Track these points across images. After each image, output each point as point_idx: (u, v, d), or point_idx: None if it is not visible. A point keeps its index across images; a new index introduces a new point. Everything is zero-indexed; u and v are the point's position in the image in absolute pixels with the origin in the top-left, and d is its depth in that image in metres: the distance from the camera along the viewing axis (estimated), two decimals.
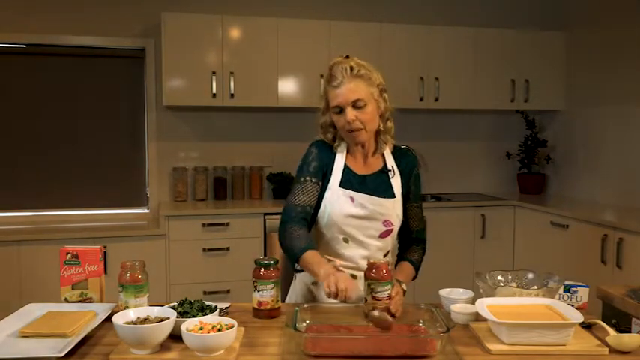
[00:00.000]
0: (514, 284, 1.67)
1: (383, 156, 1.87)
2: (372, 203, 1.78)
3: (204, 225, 3.62)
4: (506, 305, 1.50)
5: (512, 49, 4.28)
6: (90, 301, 1.66)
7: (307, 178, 1.79)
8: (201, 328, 1.33)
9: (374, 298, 1.51)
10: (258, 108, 4.05)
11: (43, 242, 3.39)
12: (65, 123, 3.96)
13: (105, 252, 1.74)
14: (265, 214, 3.70)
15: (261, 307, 1.60)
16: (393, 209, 1.81)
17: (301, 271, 1.85)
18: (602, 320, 1.55)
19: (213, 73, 3.77)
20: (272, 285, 1.60)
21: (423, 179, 1.99)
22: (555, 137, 4.53)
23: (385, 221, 1.80)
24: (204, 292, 3.57)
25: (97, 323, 1.47)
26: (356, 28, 4.01)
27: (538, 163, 4.54)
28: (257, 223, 3.68)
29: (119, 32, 3.96)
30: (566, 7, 4.44)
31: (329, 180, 1.81)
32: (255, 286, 1.61)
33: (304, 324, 1.50)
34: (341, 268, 1.64)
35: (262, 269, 1.61)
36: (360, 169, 1.84)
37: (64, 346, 1.31)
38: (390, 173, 1.84)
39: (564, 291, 1.67)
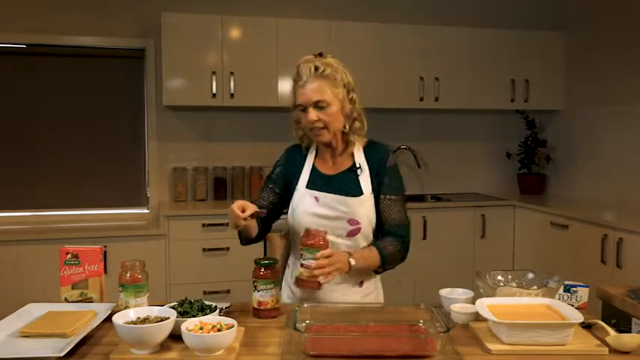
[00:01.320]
0: (514, 284, 1.67)
1: (352, 154, 1.86)
2: (336, 202, 1.77)
3: (204, 225, 3.62)
4: (506, 305, 1.50)
5: (512, 49, 4.28)
6: (90, 301, 1.66)
7: (268, 186, 1.92)
8: (201, 328, 1.33)
9: (302, 265, 1.55)
10: (258, 108, 4.05)
11: (43, 242, 3.39)
12: (65, 123, 3.96)
13: (105, 252, 1.74)
14: None
15: (262, 307, 1.60)
16: (359, 207, 1.78)
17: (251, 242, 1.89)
18: (602, 320, 1.55)
19: (213, 73, 3.77)
20: (272, 285, 1.60)
21: (423, 179, 1.99)
22: (555, 137, 4.53)
23: (350, 220, 1.77)
24: (204, 292, 3.57)
25: (97, 323, 1.47)
26: (356, 28, 4.01)
27: (538, 163, 4.54)
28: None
29: (119, 32, 3.96)
30: (566, 8, 4.44)
31: (297, 182, 1.85)
32: (255, 286, 1.61)
33: (304, 324, 1.50)
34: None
35: (262, 269, 1.61)
36: (327, 169, 1.85)
37: (64, 346, 1.31)
38: (358, 171, 1.83)
39: (564, 291, 1.67)
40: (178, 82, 3.77)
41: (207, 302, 1.53)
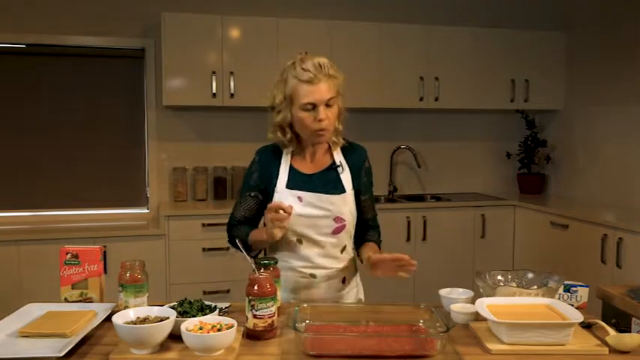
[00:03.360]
0: (514, 284, 1.67)
1: (330, 153, 1.86)
2: (321, 201, 1.76)
3: (204, 225, 3.62)
4: (506, 305, 1.50)
5: (512, 49, 4.28)
6: (90, 301, 1.66)
7: (247, 194, 1.86)
8: (201, 328, 1.33)
9: (255, 316, 1.42)
10: (258, 108, 4.05)
11: (43, 242, 3.39)
12: (65, 123, 3.96)
13: (105, 252, 1.74)
14: None
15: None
16: (343, 204, 1.79)
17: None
18: (602, 320, 1.55)
19: (213, 73, 3.78)
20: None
21: (423, 179, 2.00)
22: (555, 137, 4.53)
23: (336, 217, 1.78)
24: (204, 292, 3.57)
25: (97, 323, 1.47)
26: (356, 28, 4.01)
27: (538, 163, 4.54)
28: None
29: (119, 32, 3.96)
30: (566, 7, 4.44)
31: (275, 184, 1.81)
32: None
33: (304, 324, 1.50)
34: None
35: (262, 269, 1.61)
36: (306, 168, 1.83)
37: (64, 346, 1.31)
38: (339, 169, 1.83)
39: (564, 291, 1.67)
40: (178, 82, 3.77)
41: (207, 302, 1.53)
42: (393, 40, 4.08)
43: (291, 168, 1.83)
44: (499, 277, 1.69)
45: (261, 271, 1.49)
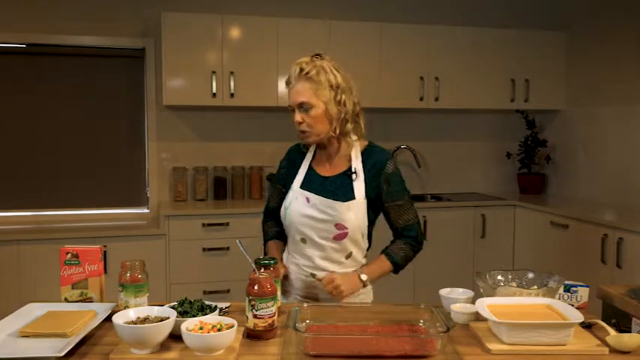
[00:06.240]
0: (514, 284, 1.67)
1: (349, 157, 1.84)
2: (324, 205, 1.77)
3: (204, 225, 3.62)
4: (506, 305, 1.50)
5: (512, 49, 4.28)
6: (90, 301, 1.66)
7: (275, 184, 2.00)
8: (201, 328, 1.33)
9: (255, 316, 1.43)
10: (258, 108, 4.05)
11: (43, 242, 3.39)
12: (65, 123, 3.96)
13: (105, 252, 1.74)
14: None
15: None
16: (347, 212, 1.76)
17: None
18: (602, 320, 1.55)
19: (213, 73, 3.77)
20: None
21: (423, 179, 1.99)
22: (555, 137, 4.53)
23: (337, 224, 1.77)
24: (204, 292, 3.57)
25: (97, 323, 1.47)
26: (356, 28, 4.01)
27: (538, 163, 4.54)
28: (257, 222, 3.61)
29: (119, 32, 3.95)
30: (566, 7, 4.44)
31: (293, 181, 1.87)
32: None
33: (304, 324, 1.50)
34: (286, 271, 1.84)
35: (262, 269, 1.61)
36: (324, 171, 1.85)
37: (64, 346, 1.31)
38: (352, 176, 1.80)
39: (564, 291, 1.67)
40: (178, 82, 3.77)
41: (207, 302, 1.53)
42: (393, 40, 4.08)
43: (310, 168, 1.87)
44: (499, 277, 1.69)
45: (262, 271, 1.50)
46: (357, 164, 1.82)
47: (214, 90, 3.78)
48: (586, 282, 1.69)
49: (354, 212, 1.78)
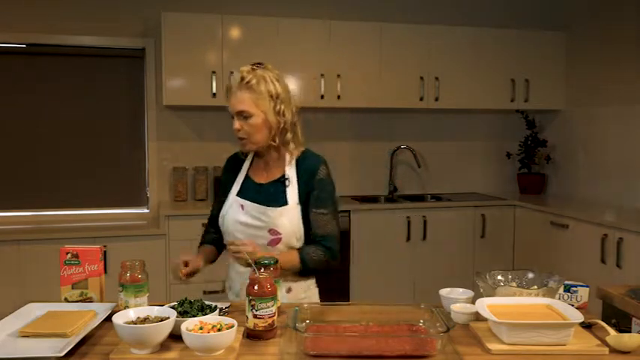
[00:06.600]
0: (514, 284, 1.67)
1: (284, 165, 1.85)
2: (257, 211, 1.80)
3: (204, 225, 3.58)
4: (506, 305, 1.50)
5: (512, 49, 4.28)
6: (90, 301, 1.66)
7: (219, 196, 2.00)
8: (201, 328, 1.33)
9: (255, 316, 1.43)
10: None
11: (43, 242, 3.39)
12: (65, 123, 3.96)
13: (105, 252, 1.74)
14: None
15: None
16: (280, 218, 1.78)
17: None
18: (602, 320, 1.55)
19: (213, 72, 3.77)
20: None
21: (423, 179, 1.98)
22: (555, 137, 4.53)
23: (270, 230, 1.79)
24: (204, 292, 3.56)
25: (97, 323, 1.47)
26: (356, 28, 4.01)
27: (538, 163, 4.54)
28: None
29: (119, 32, 3.95)
30: (566, 7, 4.44)
31: (231, 189, 1.90)
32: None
33: (304, 324, 1.50)
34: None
35: (262, 269, 1.61)
36: (260, 178, 1.88)
37: (64, 346, 1.31)
38: (286, 182, 1.82)
39: (564, 291, 1.67)
40: (178, 82, 3.77)
41: (207, 302, 1.53)
42: (393, 40, 4.08)
43: (247, 177, 1.91)
44: (499, 277, 1.69)
45: (262, 271, 1.50)
46: (290, 171, 1.84)
47: (214, 90, 3.78)
48: (586, 282, 1.69)
49: (288, 218, 1.79)
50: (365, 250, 3.84)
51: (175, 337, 1.35)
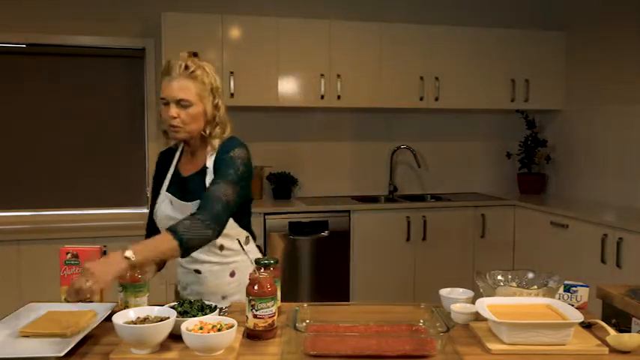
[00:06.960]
0: (514, 284, 1.67)
1: (205, 155, 1.84)
2: (181, 206, 1.80)
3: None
4: (506, 305, 1.50)
5: (512, 49, 4.28)
6: (90, 301, 1.65)
7: (151, 194, 1.96)
8: (201, 328, 1.33)
9: (255, 316, 1.43)
10: (258, 108, 4.05)
11: (43, 242, 3.38)
12: (65, 123, 3.96)
13: (105, 252, 1.74)
14: (265, 214, 3.70)
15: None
16: None
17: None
18: (602, 320, 1.55)
19: None
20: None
21: (423, 179, 1.98)
22: (555, 137, 4.53)
23: None
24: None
25: (97, 323, 1.47)
26: (356, 28, 4.01)
27: (538, 163, 4.54)
28: (257, 222, 3.67)
29: (119, 32, 3.95)
30: (566, 7, 4.44)
31: (162, 185, 1.89)
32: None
33: (304, 324, 1.50)
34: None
35: (262, 269, 1.61)
36: (186, 170, 1.87)
37: (64, 346, 1.31)
38: (207, 171, 1.81)
39: (564, 291, 1.67)
40: None
41: (207, 302, 1.53)
42: (393, 40, 4.08)
43: (176, 170, 1.90)
44: (499, 277, 1.69)
45: (262, 271, 1.50)
46: (210, 161, 1.82)
47: None
48: (586, 282, 1.69)
49: None
50: (365, 250, 3.84)
51: (175, 337, 1.35)
